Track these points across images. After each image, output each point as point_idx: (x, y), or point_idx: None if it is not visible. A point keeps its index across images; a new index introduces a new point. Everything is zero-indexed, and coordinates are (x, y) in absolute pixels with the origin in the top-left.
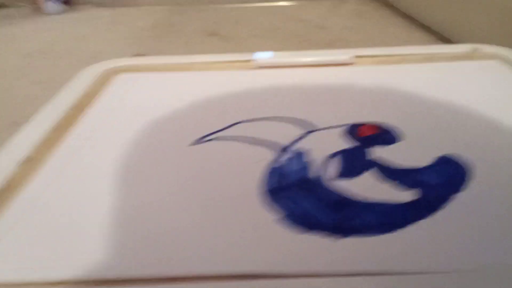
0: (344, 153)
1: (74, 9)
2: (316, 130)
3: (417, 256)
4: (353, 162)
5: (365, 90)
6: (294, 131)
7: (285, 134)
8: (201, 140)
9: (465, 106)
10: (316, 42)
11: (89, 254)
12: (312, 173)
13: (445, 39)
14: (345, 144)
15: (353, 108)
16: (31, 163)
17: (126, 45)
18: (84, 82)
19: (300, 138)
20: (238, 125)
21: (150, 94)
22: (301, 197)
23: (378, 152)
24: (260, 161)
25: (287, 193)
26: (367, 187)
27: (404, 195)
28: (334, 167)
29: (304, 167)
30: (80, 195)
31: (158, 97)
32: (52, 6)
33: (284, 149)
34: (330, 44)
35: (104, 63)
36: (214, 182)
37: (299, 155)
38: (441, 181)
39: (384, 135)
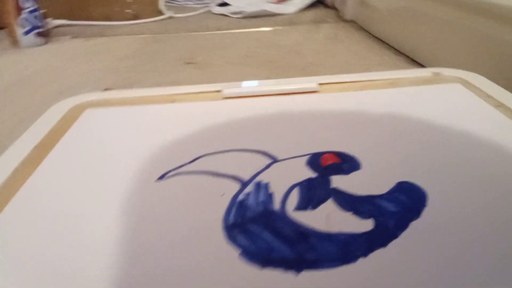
0: (306, 183)
1: (51, 41)
2: (279, 161)
3: (380, 286)
4: (314, 193)
5: (328, 118)
6: (258, 162)
7: (249, 165)
8: (167, 175)
9: (425, 131)
10: (291, 67)
11: None
12: (274, 205)
13: (414, 62)
14: (308, 174)
15: (316, 137)
16: None
17: (102, 75)
18: (51, 119)
19: (264, 169)
20: (203, 158)
21: (116, 130)
22: (260, 232)
23: (340, 181)
24: (224, 194)
25: (246, 228)
26: (328, 218)
27: (364, 224)
28: (295, 198)
29: (267, 200)
30: (41, 235)
31: (124, 132)
32: (29, 39)
33: (248, 181)
34: (304, 69)
35: (72, 98)
36: (179, 218)
37: (262, 187)
38: (399, 208)
39: (345, 164)
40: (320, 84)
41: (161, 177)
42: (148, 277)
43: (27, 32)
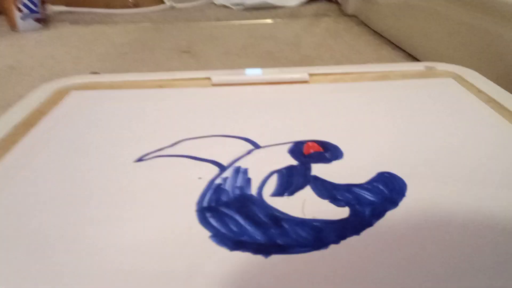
0: (285, 170)
1: (49, 27)
2: (261, 147)
3: (348, 273)
4: (293, 180)
5: (316, 108)
6: (240, 148)
7: (229, 151)
8: (146, 156)
9: (414, 124)
10: (288, 60)
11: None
12: (251, 190)
13: (412, 57)
14: (289, 161)
15: (301, 126)
16: None
17: (96, 61)
18: (35, 100)
19: (245, 155)
20: (184, 142)
21: (99, 112)
22: (232, 215)
23: (320, 170)
24: (201, 178)
25: (219, 211)
26: (305, 204)
27: (340, 212)
28: (274, 185)
29: (244, 184)
30: (21, 210)
31: (108, 114)
32: (26, 24)
33: (227, 166)
34: (301, 61)
35: (58, 81)
36: (155, 198)
37: (240, 172)
38: (376, 197)
39: (328, 153)
40: (311, 74)
41: (140, 159)
42: (122, 251)
43: (25, 17)
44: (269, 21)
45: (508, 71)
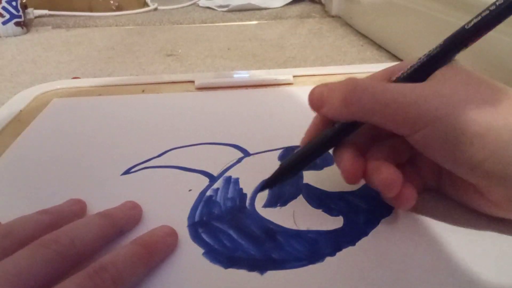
0: None
1: (31, 31)
2: (251, 154)
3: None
4: (286, 189)
5: (301, 112)
6: (229, 156)
7: (219, 160)
8: (133, 169)
9: None
10: (272, 61)
11: None
12: (243, 201)
13: (396, 58)
14: None
15: (289, 131)
16: None
17: (79, 66)
18: (14, 108)
19: (235, 163)
20: (172, 151)
21: (83, 122)
22: (225, 230)
23: (312, 177)
24: (192, 190)
25: (212, 226)
26: (297, 215)
27: (334, 222)
28: (265, 194)
29: (235, 196)
30: None
31: (92, 125)
32: (7, 29)
33: (218, 176)
34: (286, 63)
35: (38, 86)
36: (144, 214)
37: (232, 182)
38: (369, 205)
39: (318, 159)
40: (295, 76)
41: (127, 171)
42: None
43: (5, 22)
44: (254, 22)
45: (491, 70)
